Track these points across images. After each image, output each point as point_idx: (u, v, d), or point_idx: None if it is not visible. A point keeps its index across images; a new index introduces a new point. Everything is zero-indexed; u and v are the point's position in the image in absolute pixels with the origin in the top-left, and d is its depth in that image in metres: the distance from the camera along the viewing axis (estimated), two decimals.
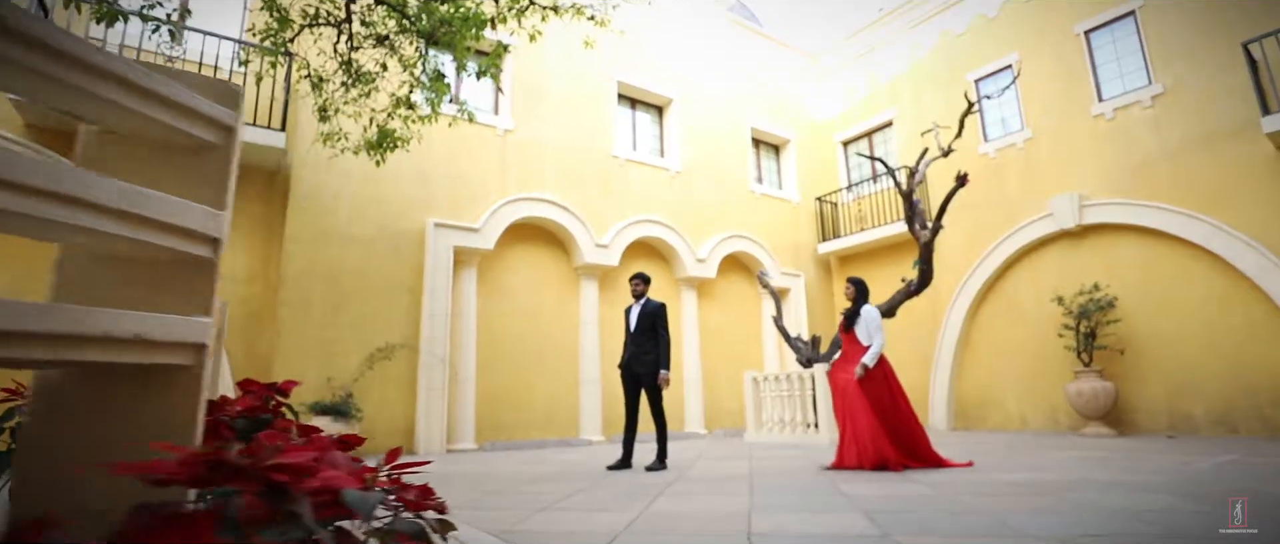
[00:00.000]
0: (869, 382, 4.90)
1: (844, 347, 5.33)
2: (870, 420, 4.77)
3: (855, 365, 4.96)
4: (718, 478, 4.72)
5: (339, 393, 6.84)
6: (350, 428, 6.58)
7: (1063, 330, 8.58)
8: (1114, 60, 9.00)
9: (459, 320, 8.04)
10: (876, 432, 4.74)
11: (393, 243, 7.73)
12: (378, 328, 7.41)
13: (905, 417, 4.91)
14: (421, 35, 5.38)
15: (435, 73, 5.62)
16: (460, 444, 7.68)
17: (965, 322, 10.06)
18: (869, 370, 4.90)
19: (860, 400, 4.88)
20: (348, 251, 7.37)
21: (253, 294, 6.94)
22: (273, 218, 7.17)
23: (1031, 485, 3.86)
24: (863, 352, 5.01)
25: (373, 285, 7.49)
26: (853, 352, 5.14)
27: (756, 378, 8.86)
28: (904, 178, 8.77)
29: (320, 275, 7.14)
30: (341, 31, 5.36)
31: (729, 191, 11.36)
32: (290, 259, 6.97)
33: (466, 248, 8.11)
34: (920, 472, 4.53)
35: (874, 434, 4.73)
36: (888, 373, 5.03)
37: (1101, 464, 4.92)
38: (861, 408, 4.86)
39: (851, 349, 5.18)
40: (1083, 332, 8.33)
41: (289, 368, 6.73)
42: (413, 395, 7.51)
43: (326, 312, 7.12)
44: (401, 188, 7.89)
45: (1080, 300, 8.45)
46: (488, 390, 8.18)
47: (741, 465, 5.46)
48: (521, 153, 9.01)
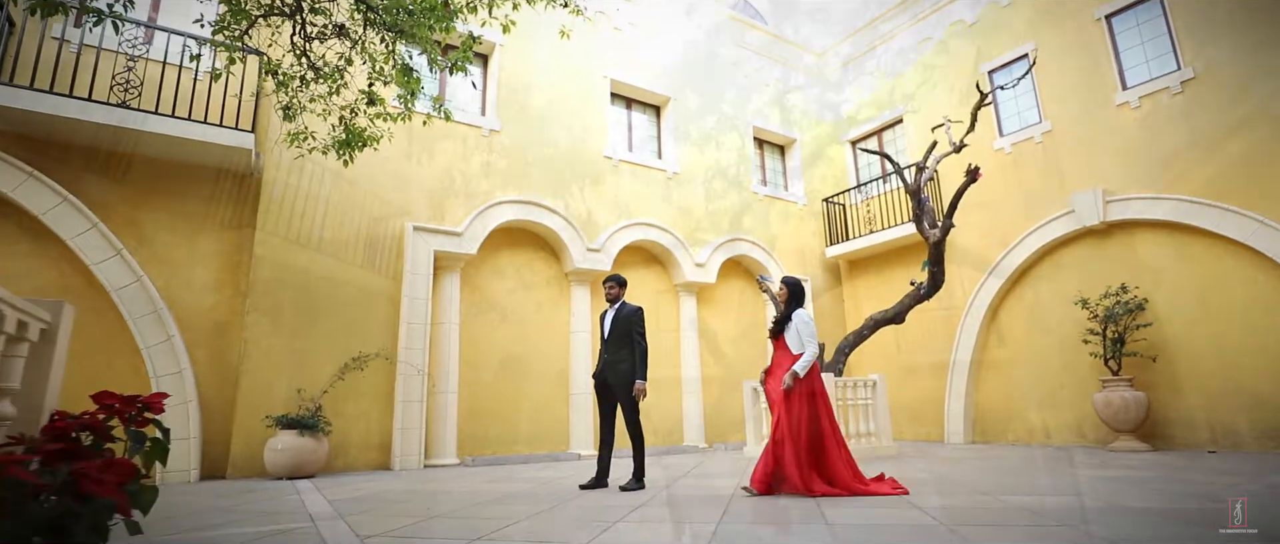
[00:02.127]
0: (793, 395, 4.37)
1: (775, 354, 4.75)
2: (781, 436, 4.30)
3: (784, 374, 4.43)
4: (693, 499, 4.25)
5: (308, 406, 6.50)
6: (318, 442, 6.22)
7: (1088, 336, 7.95)
8: (1139, 45, 8.39)
9: (439, 329, 7.67)
10: (783, 450, 4.26)
11: (370, 248, 7.41)
12: (353, 337, 7.07)
13: (826, 436, 4.37)
14: (386, 26, 5.04)
15: (403, 67, 5.28)
16: (440, 459, 7.27)
17: (982, 328, 9.43)
18: (798, 380, 4.38)
19: (778, 413, 4.41)
20: (321, 257, 7.05)
21: (220, 302, 6.64)
22: (243, 222, 6.88)
23: (1039, 512, 3.34)
24: (793, 360, 4.48)
25: (347, 293, 7.15)
26: (783, 360, 4.60)
27: (756, 388, 8.34)
28: (913, 175, 8.24)
29: (291, 283, 6.83)
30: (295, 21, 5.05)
31: (730, 194, 10.90)
32: (260, 264, 6.66)
33: (448, 253, 7.75)
34: (897, 498, 3.98)
35: (777, 453, 4.28)
36: (816, 387, 4.48)
37: (1135, 485, 4.35)
38: (776, 422, 4.38)
39: (781, 356, 4.64)
40: (1110, 337, 7.69)
41: (257, 380, 6.43)
42: (390, 408, 7.14)
43: (298, 320, 6.79)
44: (379, 191, 7.57)
45: (1107, 303, 7.82)
46: (470, 403, 7.78)
47: (726, 484, 4.98)
48: (508, 154, 8.66)
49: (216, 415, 6.36)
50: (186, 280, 6.49)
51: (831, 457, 4.32)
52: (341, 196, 7.31)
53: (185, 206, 6.62)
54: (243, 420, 6.31)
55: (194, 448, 5.96)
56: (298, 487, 5.41)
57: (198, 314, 6.50)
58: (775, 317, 4.88)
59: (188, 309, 6.43)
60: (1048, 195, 8.94)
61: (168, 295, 6.26)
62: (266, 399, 6.44)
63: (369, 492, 5.02)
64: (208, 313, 6.52)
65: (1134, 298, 7.71)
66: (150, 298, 6.07)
